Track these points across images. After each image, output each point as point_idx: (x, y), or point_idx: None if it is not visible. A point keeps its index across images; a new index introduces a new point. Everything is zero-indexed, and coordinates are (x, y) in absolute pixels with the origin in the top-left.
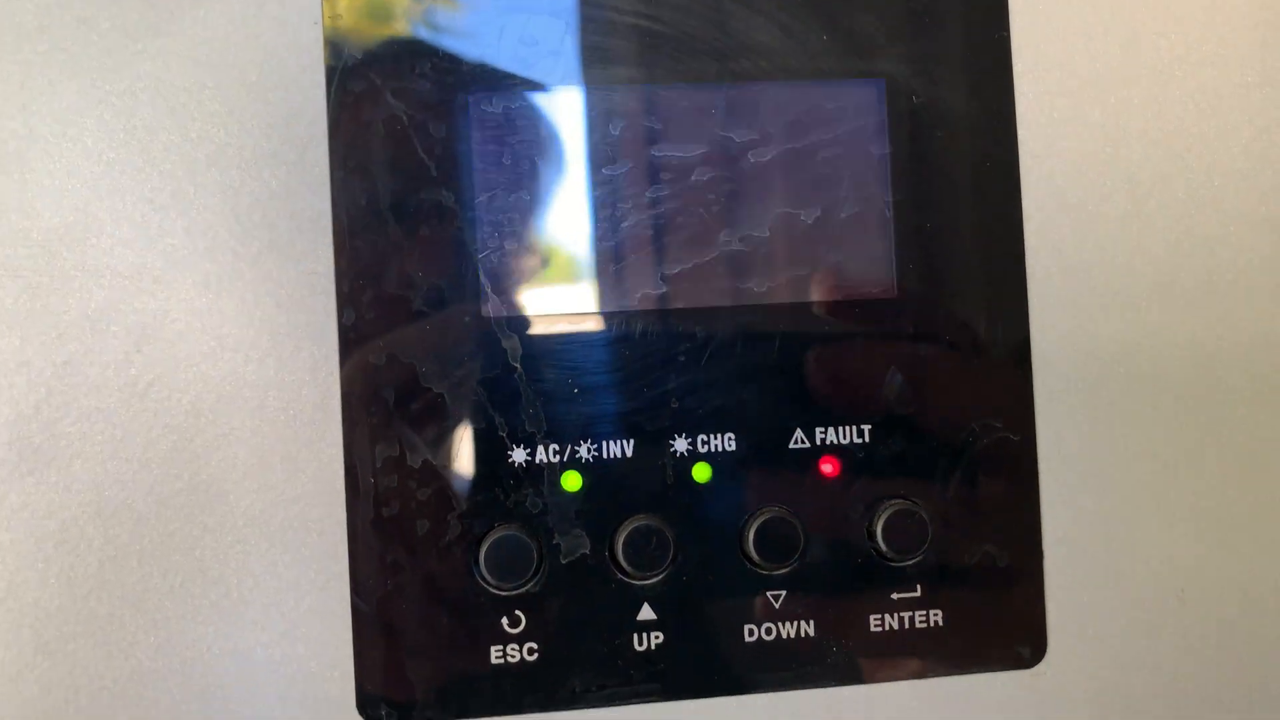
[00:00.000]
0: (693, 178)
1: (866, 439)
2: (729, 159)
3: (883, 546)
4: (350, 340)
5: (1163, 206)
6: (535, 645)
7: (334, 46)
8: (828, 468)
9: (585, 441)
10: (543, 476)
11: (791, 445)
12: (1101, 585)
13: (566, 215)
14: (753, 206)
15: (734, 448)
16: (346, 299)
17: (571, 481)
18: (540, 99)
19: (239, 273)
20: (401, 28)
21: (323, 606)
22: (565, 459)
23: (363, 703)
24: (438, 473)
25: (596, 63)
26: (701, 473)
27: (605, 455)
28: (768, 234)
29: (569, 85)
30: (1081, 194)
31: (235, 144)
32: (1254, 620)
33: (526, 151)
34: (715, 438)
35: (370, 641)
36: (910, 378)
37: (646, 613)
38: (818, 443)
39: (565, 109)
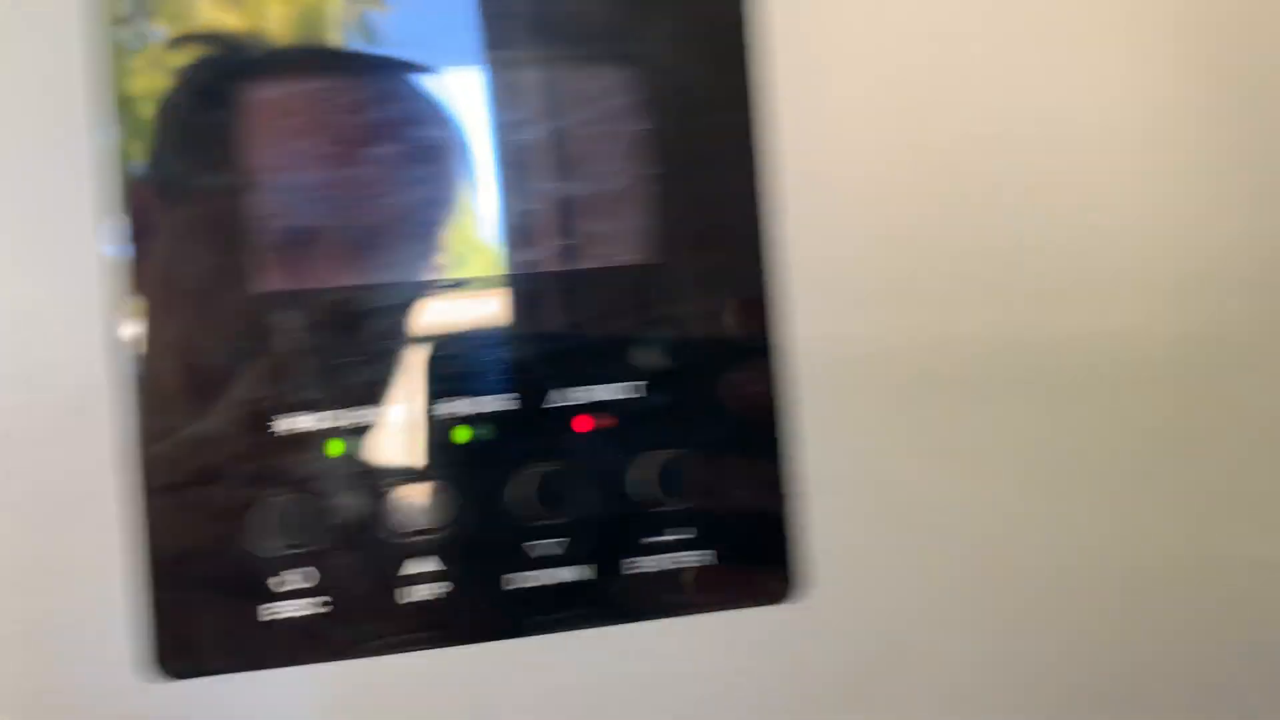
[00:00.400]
0: (461, 156)
1: (633, 394)
2: (495, 139)
3: (651, 493)
4: (132, 317)
5: (905, 183)
6: (317, 600)
7: (111, 31)
8: (596, 422)
9: (356, 408)
10: (314, 442)
11: (561, 403)
12: (860, 523)
13: (336, 195)
14: (518, 183)
15: (508, 407)
16: (129, 277)
17: (338, 448)
18: (311, 84)
19: (19, 258)
20: (176, 10)
21: (115, 573)
22: (337, 426)
23: (159, 657)
24: (214, 443)
25: (364, 46)
26: (470, 432)
27: (375, 421)
28: (535, 208)
29: (338, 69)
30: (826, 166)
31: (14, 133)
32: (1003, 554)
33: (297, 134)
34: (488, 399)
35: (164, 603)
36: (672, 337)
37: (422, 565)
38: (587, 400)
39: (334, 93)
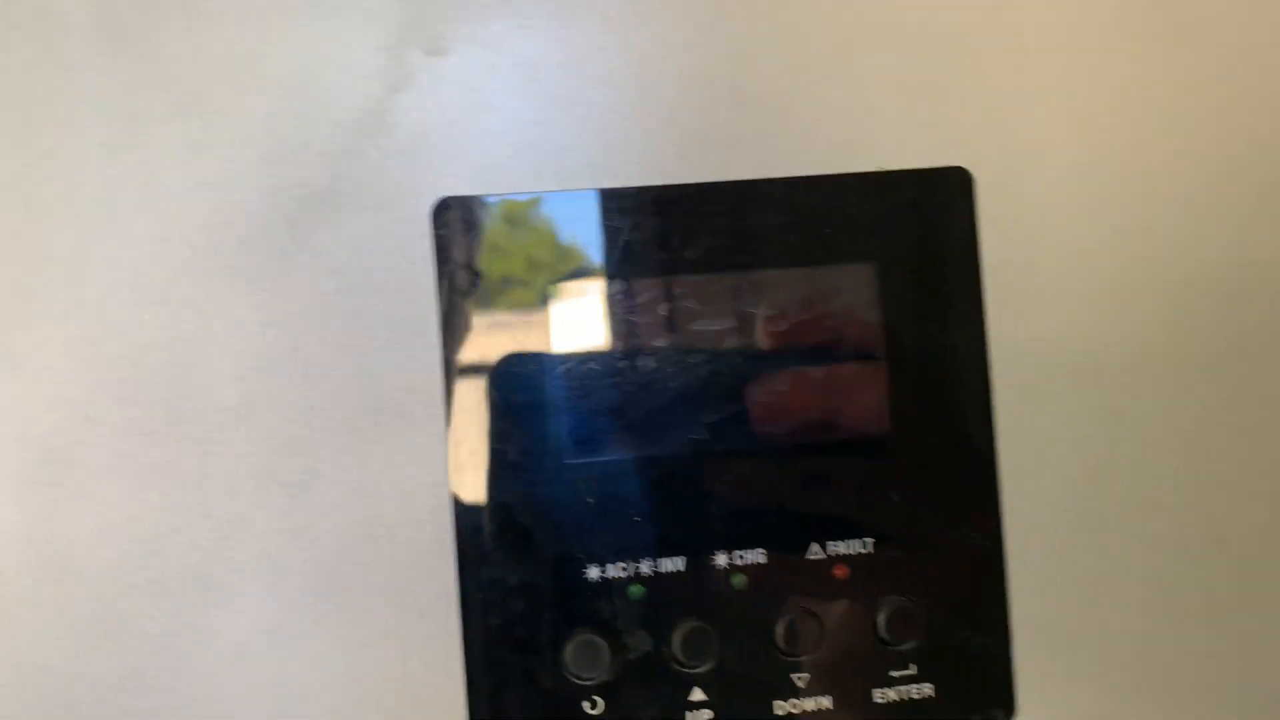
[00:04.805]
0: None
1: (870, 549)
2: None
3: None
4: (460, 490)
5: None
6: None
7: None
8: (840, 573)
9: (646, 559)
10: (613, 589)
11: (809, 556)
12: (1064, 654)
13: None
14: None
15: (764, 560)
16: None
17: (636, 591)
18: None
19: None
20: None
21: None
22: (631, 574)
23: None
24: (532, 589)
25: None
26: (744, 579)
27: (661, 570)
28: (788, 388)
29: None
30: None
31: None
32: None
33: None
34: (749, 552)
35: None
36: (904, 500)
37: (697, 694)
38: (830, 554)
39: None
